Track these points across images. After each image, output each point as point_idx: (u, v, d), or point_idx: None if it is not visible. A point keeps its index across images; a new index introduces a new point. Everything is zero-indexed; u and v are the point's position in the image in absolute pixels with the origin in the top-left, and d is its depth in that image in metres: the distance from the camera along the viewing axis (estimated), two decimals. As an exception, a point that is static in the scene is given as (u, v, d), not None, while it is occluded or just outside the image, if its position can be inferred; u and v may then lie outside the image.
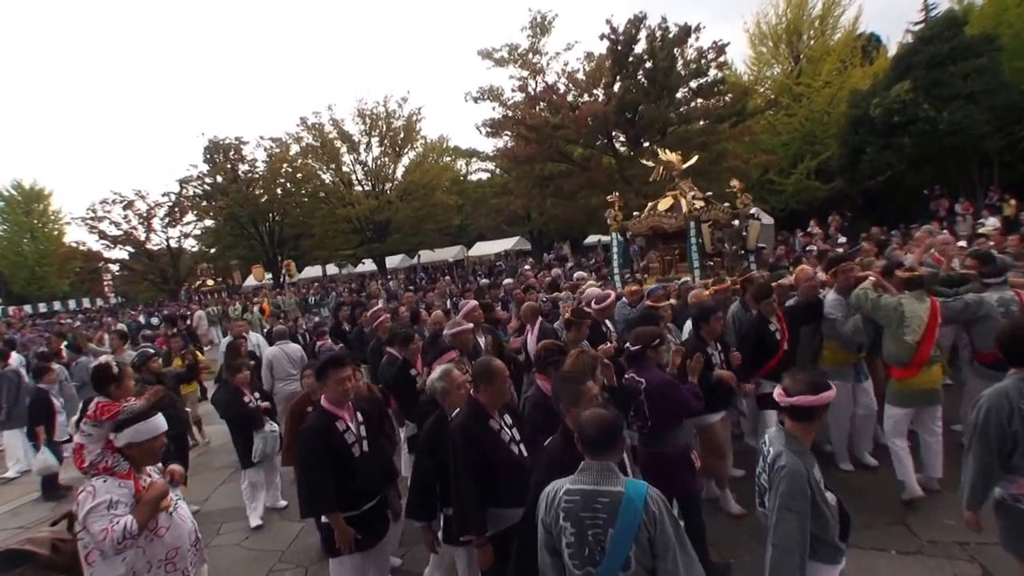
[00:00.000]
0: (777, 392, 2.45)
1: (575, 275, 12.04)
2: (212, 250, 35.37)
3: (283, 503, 5.87)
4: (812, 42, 23.22)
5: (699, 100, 21.89)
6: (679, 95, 21.87)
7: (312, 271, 36.57)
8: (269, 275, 33.26)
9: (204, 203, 31.91)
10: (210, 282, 34.26)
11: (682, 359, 4.07)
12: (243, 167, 32.08)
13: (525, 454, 3.12)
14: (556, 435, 2.72)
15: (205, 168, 31.88)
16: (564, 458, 2.41)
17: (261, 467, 5.67)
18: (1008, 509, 2.81)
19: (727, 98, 21.61)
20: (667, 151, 9.22)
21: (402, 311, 8.42)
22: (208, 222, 33.27)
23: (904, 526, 4.15)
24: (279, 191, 31.93)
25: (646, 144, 22.41)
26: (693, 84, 21.95)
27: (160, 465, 2.96)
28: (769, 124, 23.04)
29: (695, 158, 9.61)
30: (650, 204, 8.67)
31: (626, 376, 3.89)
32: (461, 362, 4.23)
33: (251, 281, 34.72)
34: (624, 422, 2.43)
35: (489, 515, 2.98)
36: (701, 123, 21.51)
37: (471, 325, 5.34)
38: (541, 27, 24.48)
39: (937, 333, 4.40)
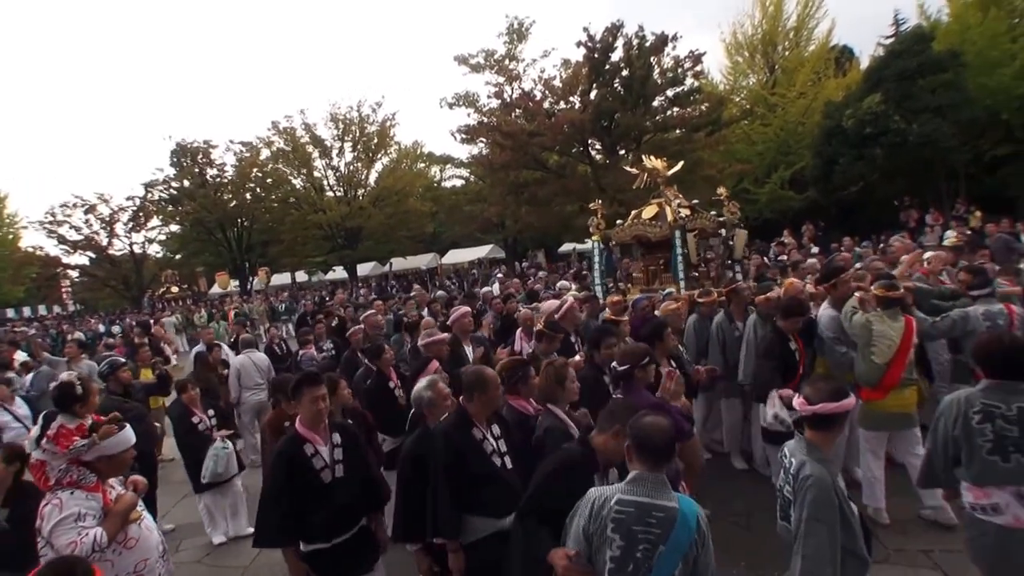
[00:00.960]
0: (799, 401, 2.41)
1: (558, 284, 11.70)
2: (177, 256, 34.39)
3: (249, 530, 5.22)
4: (787, 53, 23.47)
5: (675, 109, 21.93)
6: (655, 103, 21.87)
7: (281, 278, 35.65)
8: (236, 282, 32.30)
9: (170, 208, 31.02)
10: (175, 289, 33.13)
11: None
12: (211, 171, 31.40)
13: (509, 466, 3.04)
14: (574, 443, 2.73)
15: (172, 172, 31.02)
16: (581, 464, 2.44)
17: (217, 491, 5.21)
18: (967, 516, 2.87)
19: (703, 107, 21.64)
20: (652, 158, 8.87)
21: (378, 320, 8.02)
22: (174, 227, 32.41)
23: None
24: (248, 196, 31.22)
25: (622, 152, 22.34)
26: (669, 93, 21.97)
27: (121, 477, 2.95)
28: (744, 134, 23.16)
29: (680, 164, 9.34)
30: (634, 212, 8.34)
31: (614, 397, 3.65)
32: (443, 376, 4.02)
33: (217, 288, 33.68)
34: None
35: (465, 522, 2.94)
36: (677, 132, 21.50)
37: (446, 335, 5.20)
38: (518, 33, 24.31)
39: (910, 355, 4.20)
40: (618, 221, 8.70)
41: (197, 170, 30.91)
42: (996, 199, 19.34)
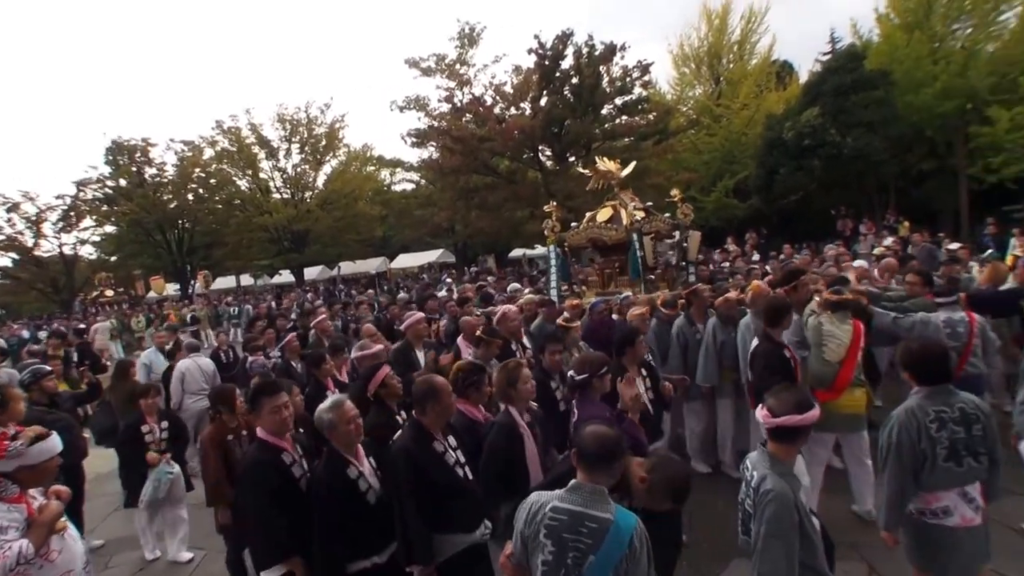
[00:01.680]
0: (762, 413, 2.40)
1: (509, 287, 11.63)
2: (113, 258, 32.57)
3: (187, 556, 4.94)
4: (731, 66, 24.20)
5: (624, 117, 22.27)
6: (604, 112, 22.18)
7: (225, 282, 34.37)
8: (177, 286, 30.96)
9: (105, 207, 29.30)
10: (109, 292, 31.42)
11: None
12: (150, 170, 29.83)
13: (470, 477, 2.98)
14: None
15: (107, 170, 29.37)
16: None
17: (151, 510, 4.91)
18: (914, 523, 2.87)
19: (651, 116, 22.06)
20: (606, 159, 8.82)
21: (328, 324, 7.85)
22: (109, 228, 30.61)
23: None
24: (190, 197, 29.88)
25: (571, 159, 22.52)
26: (618, 101, 22.33)
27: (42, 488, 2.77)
28: (691, 143, 23.71)
29: (632, 165, 9.28)
30: (589, 215, 8.35)
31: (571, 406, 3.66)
32: (396, 383, 3.86)
33: (153, 293, 32.16)
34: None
35: (437, 542, 2.82)
36: (626, 140, 21.82)
37: (380, 348, 5.07)
38: (469, 38, 24.18)
39: (859, 356, 4.27)
40: (572, 224, 8.65)
41: (135, 169, 29.28)
42: (922, 210, 20.45)
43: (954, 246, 10.83)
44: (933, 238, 14.71)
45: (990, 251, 7.80)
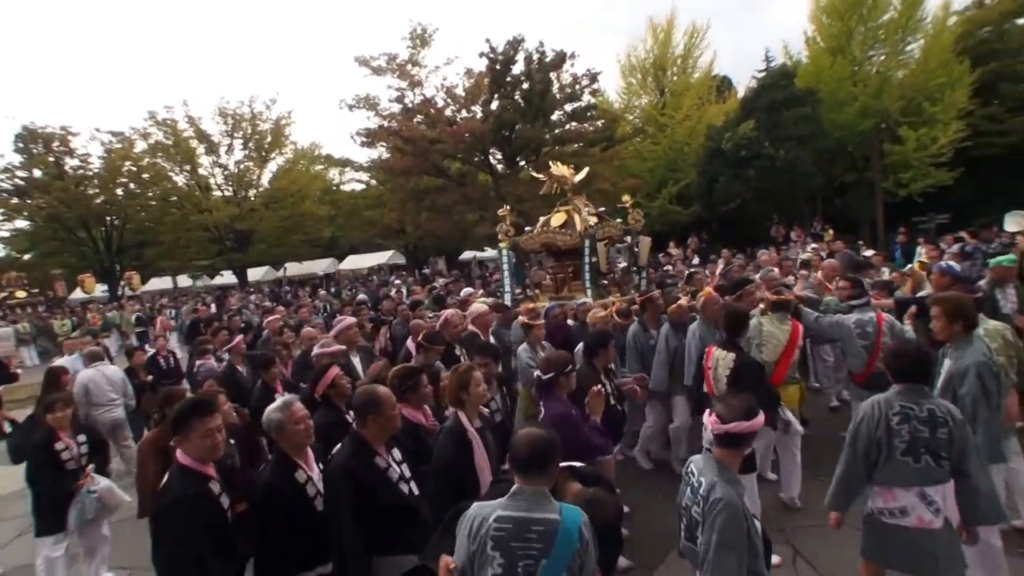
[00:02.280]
0: (711, 419, 2.40)
1: (463, 291, 11.59)
2: (26, 256, 30.19)
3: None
4: (675, 78, 25.16)
5: (573, 123, 22.82)
6: (554, 117, 22.62)
7: (161, 283, 32.60)
8: (105, 287, 29.13)
9: (15, 200, 27.11)
10: (21, 293, 29.07)
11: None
12: (72, 161, 27.95)
13: (416, 492, 2.82)
14: None
15: (17, 159, 27.20)
16: None
17: (72, 536, 4.34)
18: (873, 522, 2.93)
19: (599, 123, 22.71)
20: (559, 164, 8.79)
21: (275, 326, 7.60)
22: (21, 223, 28.37)
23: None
24: (119, 192, 28.17)
25: (522, 163, 22.90)
26: (568, 108, 22.83)
27: None
28: (636, 150, 24.51)
29: (586, 170, 9.35)
30: (542, 219, 8.33)
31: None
32: (345, 383, 3.80)
33: (81, 293, 30.09)
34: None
35: (377, 565, 2.65)
36: (575, 146, 22.35)
37: (343, 347, 4.98)
38: (421, 39, 24.11)
39: (795, 355, 4.54)
40: (527, 228, 8.66)
41: (52, 159, 27.33)
42: (844, 219, 22.08)
43: (869, 253, 11.88)
44: (853, 245, 16.06)
45: (910, 266, 8.58)
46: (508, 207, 8.72)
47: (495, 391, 4.07)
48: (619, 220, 8.65)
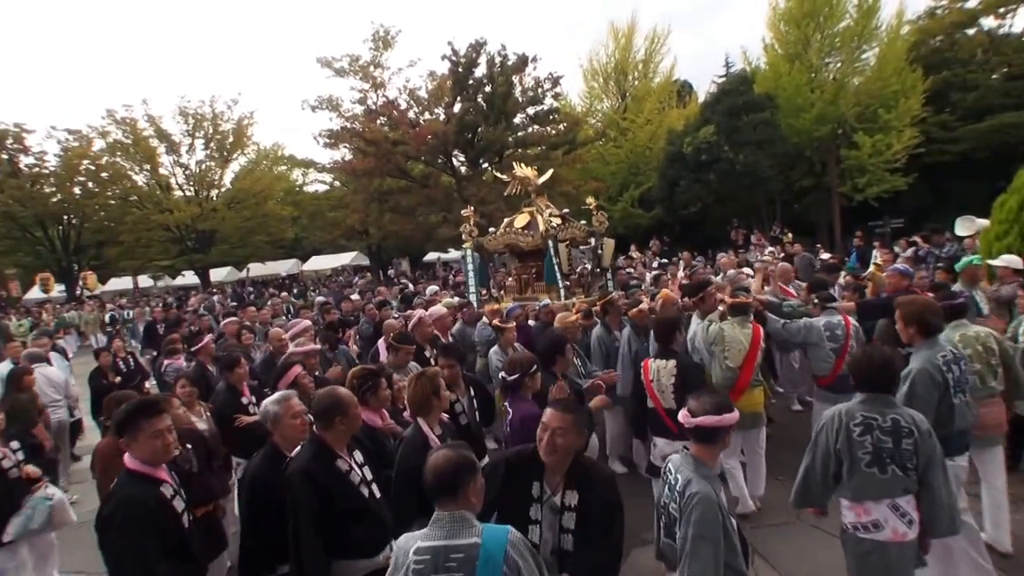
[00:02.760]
0: (683, 414, 2.44)
1: (428, 289, 11.58)
2: (-24, 255, 29.44)
3: None
4: (636, 83, 25.37)
5: (535, 127, 22.86)
6: (516, 120, 22.65)
7: (120, 283, 32.00)
8: (62, 287, 28.50)
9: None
10: (-27, 293, 28.41)
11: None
12: (27, 159, 27.27)
13: (378, 495, 2.77)
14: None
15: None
16: (515, 464, 2.44)
17: (19, 547, 4.08)
18: (850, 539, 2.83)
19: (561, 127, 22.77)
20: (523, 165, 8.74)
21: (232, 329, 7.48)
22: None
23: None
24: (77, 191, 27.59)
25: (485, 165, 22.88)
26: (530, 111, 22.89)
27: None
28: (599, 154, 24.66)
29: (551, 172, 9.36)
30: (506, 220, 8.33)
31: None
32: (308, 383, 3.83)
33: (37, 293, 29.39)
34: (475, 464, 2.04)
35: (336, 568, 2.60)
36: (537, 148, 22.40)
37: (317, 348, 5.00)
38: (384, 41, 23.93)
39: (758, 359, 4.54)
40: (491, 229, 8.66)
41: (6, 156, 26.69)
42: (802, 222, 22.44)
43: (825, 256, 12.03)
44: (811, 248, 16.31)
45: (869, 270, 8.60)
46: (472, 208, 8.70)
47: (463, 392, 4.03)
48: (583, 222, 8.57)
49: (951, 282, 6.72)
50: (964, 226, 9.02)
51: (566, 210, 8.86)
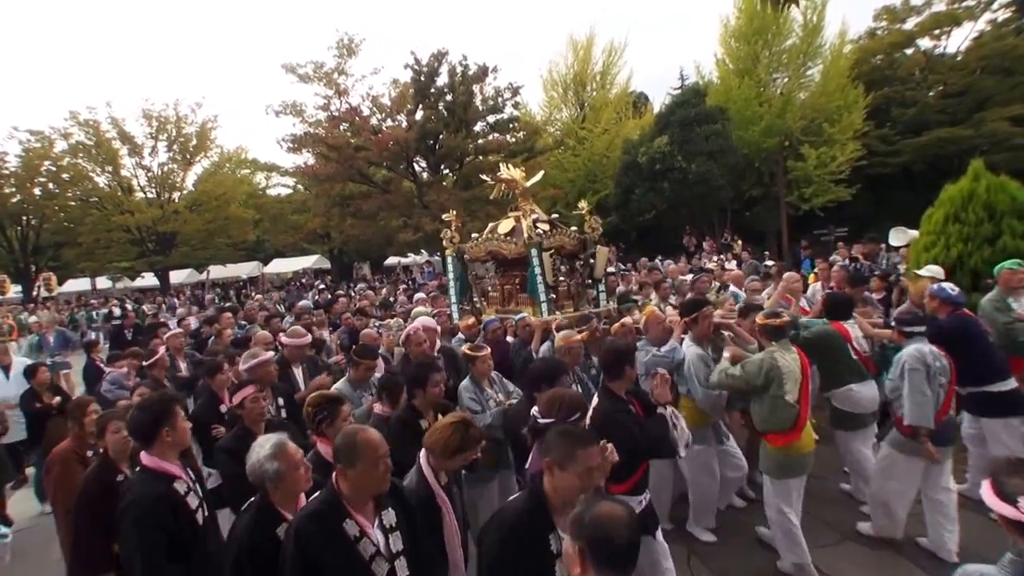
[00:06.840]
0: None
1: (416, 296, 10.97)
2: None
3: None
4: (594, 93, 26.09)
5: (495, 134, 23.35)
6: (477, 128, 23.13)
7: (78, 284, 31.61)
8: (19, 288, 28.08)
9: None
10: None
11: None
12: (-12, 160, 26.88)
13: (405, 573, 2.18)
14: (519, 498, 2.20)
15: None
16: (529, 525, 2.03)
17: None
18: None
19: (521, 135, 23.33)
20: (510, 167, 7.97)
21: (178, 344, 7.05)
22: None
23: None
24: (37, 191, 27.31)
25: (446, 171, 23.30)
26: (490, 119, 23.38)
27: None
28: (557, 162, 25.22)
29: (540, 174, 8.86)
30: (490, 226, 7.62)
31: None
32: (262, 400, 3.51)
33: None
34: None
35: None
36: (498, 156, 22.84)
37: (271, 355, 4.49)
38: (348, 48, 24.17)
39: (812, 386, 3.92)
40: (473, 235, 7.89)
41: (-36, 157, 26.46)
42: (751, 230, 23.28)
43: (770, 263, 12.55)
44: (759, 255, 16.99)
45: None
46: (454, 212, 7.93)
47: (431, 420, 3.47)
48: (574, 228, 7.86)
49: (886, 291, 6.88)
50: (897, 236, 9.20)
51: (555, 215, 8.22)
